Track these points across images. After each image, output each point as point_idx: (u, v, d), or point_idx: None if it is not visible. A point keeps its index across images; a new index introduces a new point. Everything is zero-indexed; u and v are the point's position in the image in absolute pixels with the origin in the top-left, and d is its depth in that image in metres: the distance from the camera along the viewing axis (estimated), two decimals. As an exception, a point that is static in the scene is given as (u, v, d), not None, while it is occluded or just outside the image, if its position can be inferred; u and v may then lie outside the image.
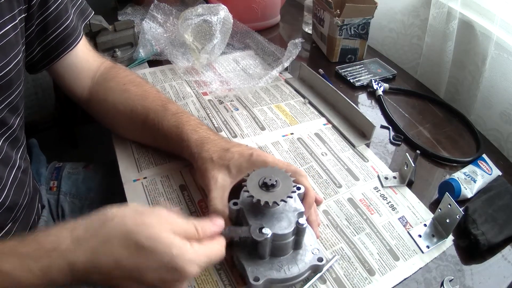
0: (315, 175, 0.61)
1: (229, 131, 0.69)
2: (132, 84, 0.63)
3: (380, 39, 1.06)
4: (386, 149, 0.68)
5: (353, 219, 0.54)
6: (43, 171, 0.73)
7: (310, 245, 0.46)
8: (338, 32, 0.88)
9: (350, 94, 0.83)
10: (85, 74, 0.63)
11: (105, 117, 0.64)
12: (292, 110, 0.75)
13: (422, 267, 0.49)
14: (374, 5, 0.87)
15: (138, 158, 0.62)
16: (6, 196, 0.50)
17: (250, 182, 0.44)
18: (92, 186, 0.73)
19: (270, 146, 0.66)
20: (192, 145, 0.54)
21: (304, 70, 0.83)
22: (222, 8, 0.83)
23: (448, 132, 0.73)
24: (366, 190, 0.59)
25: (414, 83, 0.89)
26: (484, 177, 0.60)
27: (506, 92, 0.75)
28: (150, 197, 0.56)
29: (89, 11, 0.64)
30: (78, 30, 0.60)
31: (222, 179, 0.49)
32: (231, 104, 0.76)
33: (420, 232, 0.53)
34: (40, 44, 0.56)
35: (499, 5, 0.74)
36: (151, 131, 0.59)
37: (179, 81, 0.81)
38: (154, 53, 0.87)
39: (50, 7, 0.53)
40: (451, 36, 0.82)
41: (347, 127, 0.71)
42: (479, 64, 0.79)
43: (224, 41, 0.86)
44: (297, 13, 1.16)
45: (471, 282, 0.48)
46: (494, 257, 0.51)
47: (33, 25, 0.53)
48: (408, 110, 0.79)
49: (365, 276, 0.47)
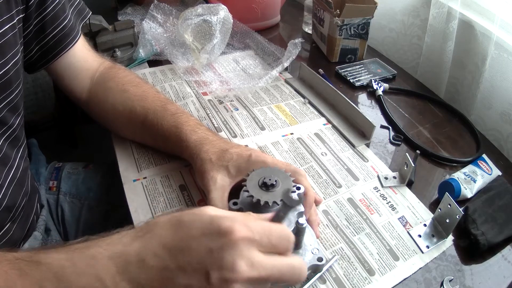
0: (315, 175, 0.61)
1: (229, 131, 0.69)
2: (131, 84, 0.63)
3: (380, 39, 1.06)
4: (386, 149, 0.68)
5: (353, 219, 0.54)
6: (42, 171, 0.73)
7: (310, 245, 0.46)
8: (338, 32, 0.88)
9: (350, 94, 0.83)
10: (84, 74, 0.63)
11: (104, 117, 0.64)
12: (292, 110, 0.75)
13: (422, 267, 0.49)
14: (374, 5, 0.87)
15: (138, 158, 0.62)
16: (4, 196, 0.50)
17: (250, 182, 0.44)
18: (92, 186, 0.73)
19: (270, 146, 0.66)
20: (191, 145, 0.54)
21: (304, 70, 0.83)
22: (222, 8, 0.83)
23: (448, 132, 0.73)
24: (366, 190, 0.59)
25: (414, 83, 0.89)
26: (484, 177, 0.60)
27: (506, 92, 0.75)
28: (150, 197, 0.56)
29: (86, 11, 0.65)
30: (76, 30, 0.60)
31: (221, 180, 0.49)
32: (231, 104, 0.76)
33: (420, 232, 0.53)
34: (38, 44, 0.56)
35: (499, 5, 0.74)
36: (150, 131, 0.59)
37: (179, 81, 0.81)
38: (154, 53, 0.87)
39: (47, 7, 0.53)
40: (451, 36, 0.82)
41: (347, 127, 0.71)
42: (479, 64, 0.79)
43: (224, 41, 0.86)
44: (297, 13, 1.16)
45: (471, 282, 0.48)
46: (494, 257, 0.51)
47: (31, 25, 0.53)
48: (408, 110, 0.79)
49: (364, 276, 0.47)
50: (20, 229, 0.56)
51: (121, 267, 0.32)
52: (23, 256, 0.33)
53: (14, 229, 0.54)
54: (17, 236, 0.56)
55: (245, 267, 0.31)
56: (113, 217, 0.68)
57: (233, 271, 0.30)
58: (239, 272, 0.30)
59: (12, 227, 0.54)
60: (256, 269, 0.31)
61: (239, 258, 0.31)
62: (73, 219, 0.69)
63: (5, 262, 0.33)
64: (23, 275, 0.32)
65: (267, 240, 0.32)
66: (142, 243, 0.32)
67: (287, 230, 0.35)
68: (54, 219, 0.69)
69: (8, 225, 0.53)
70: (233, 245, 0.31)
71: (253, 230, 0.32)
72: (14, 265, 0.33)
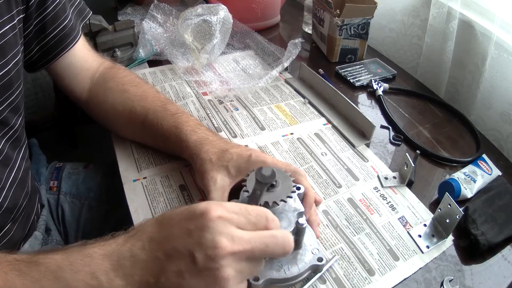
0: (315, 175, 0.61)
1: (229, 131, 0.69)
2: (131, 84, 0.63)
3: (380, 39, 1.06)
4: (386, 149, 0.68)
5: (353, 219, 0.54)
6: (43, 170, 0.73)
7: (310, 245, 0.46)
8: (338, 32, 0.88)
9: (350, 94, 0.83)
10: (84, 74, 0.63)
11: (104, 117, 0.64)
12: (292, 110, 0.75)
13: (422, 267, 0.49)
14: (374, 5, 0.87)
15: (138, 158, 0.62)
16: (5, 197, 0.50)
17: (250, 182, 0.44)
18: (92, 186, 0.73)
19: (270, 146, 0.66)
20: (191, 145, 0.54)
21: (304, 70, 0.83)
22: (222, 8, 0.83)
23: (448, 132, 0.73)
24: (366, 190, 0.59)
25: (414, 83, 0.89)
26: (484, 177, 0.60)
27: (506, 92, 0.75)
28: (150, 197, 0.56)
29: (87, 11, 0.65)
30: (76, 30, 0.60)
31: (221, 180, 0.49)
32: (231, 104, 0.76)
33: (420, 232, 0.53)
34: (38, 44, 0.56)
35: (499, 5, 0.74)
36: (151, 131, 0.59)
37: (179, 81, 0.81)
38: (154, 53, 0.87)
39: (48, 7, 0.53)
40: (451, 36, 0.82)
41: (347, 127, 0.71)
42: (479, 64, 0.79)
43: (224, 41, 0.86)
44: (297, 13, 1.16)
45: (471, 282, 0.48)
46: (494, 257, 0.51)
47: (31, 25, 0.53)
48: (408, 110, 0.79)
49: (364, 276, 0.47)
50: (21, 229, 0.56)
51: (115, 265, 0.33)
52: (23, 258, 0.34)
53: (15, 229, 0.54)
54: (18, 236, 0.56)
55: (226, 242, 0.31)
56: (113, 217, 0.69)
57: (215, 247, 0.31)
58: (221, 247, 0.31)
59: (12, 227, 0.54)
60: (238, 242, 0.32)
61: (218, 234, 0.32)
62: (73, 219, 0.69)
63: (5, 263, 0.34)
64: (23, 275, 0.33)
65: (244, 218, 0.34)
66: (133, 241, 0.34)
67: (264, 209, 0.36)
68: (55, 219, 0.69)
69: (8, 226, 0.53)
70: (211, 223, 0.32)
71: (229, 209, 0.33)
72: (14, 266, 0.33)
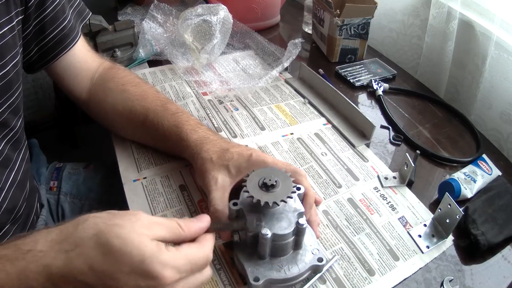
0: (315, 175, 0.61)
1: (229, 131, 0.69)
2: (131, 84, 0.63)
3: (380, 39, 1.06)
4: (386, 149, 0.68)
5: (353, 219, 0.54)
6: (43, 171, 0.73)
7: (310, 245, 0.46)
8: (338, 32, 0.88)
9: (350, 94, 0.83)
10: (84, 75, 0.63)
11: (104, 117, 0.64)
12: (292, 110, 0.75)
13: (422, 267, 0.49)
14: (374, 5, 0.87)
15: (138, 158, 0.62)
16: (4, 198, 0.50)
17: (250, 183, 0.44)
18: (93, 186, 0.73)
19: (270, 146, 0.66)
20: (192, 145, 0.54)
21: (304, 70, 0.83)
22: (222, 8, 0.83)
23: (448, 132, 0.73)
24: (366, 190, 0.59)
25: (414, 83, 0.89)
26: (484, 177, 0.60)
27: (506, 92, 0.75)
28: (150, 197, 0.56)
29: (86, 12, 0.65)
30: (76, 31, 0.60)
31: (222, 180, 0.49)
32: (231, 104, 0.76)
33: (420, 232, 0.53)
34: (37, 45, 0.56)
35: (499, 5, 0.74)
36: (151, 131, 0.59)
37: (179, 81, 0.81)
38: (154, 53, 0.87)
39: (47, 8, 0.53)
40: (451, 36, 0.82)
41: (347, 127, 0.71)
42: (479, 64, 0.79)
43: (224, 41, 0.86)
44: (297, 13, 1.16)
45: (471, 282, 0.48)
46: (494, 257, 0.51)
47: (30, 26, 0.53)
48: (408, 110, 0.79)
49: (365, 276, 0.47)
50: (20, 229, 0.56)
51: (49, 279, 0.34)
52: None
53: (14, 230, 0.54)
54: (17, 236, 0.56)
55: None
56: (113, 217, 0.68)
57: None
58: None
59: (12, 228, 0.54)
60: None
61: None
62: None
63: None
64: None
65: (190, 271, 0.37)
66: (68, 260, 0.34)
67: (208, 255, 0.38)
68: (55, 219, 0.69)
69: (8, 227, 0.53)
70: (162, 286, 0.34)
71: (181, 270, 0.35)
72: None
